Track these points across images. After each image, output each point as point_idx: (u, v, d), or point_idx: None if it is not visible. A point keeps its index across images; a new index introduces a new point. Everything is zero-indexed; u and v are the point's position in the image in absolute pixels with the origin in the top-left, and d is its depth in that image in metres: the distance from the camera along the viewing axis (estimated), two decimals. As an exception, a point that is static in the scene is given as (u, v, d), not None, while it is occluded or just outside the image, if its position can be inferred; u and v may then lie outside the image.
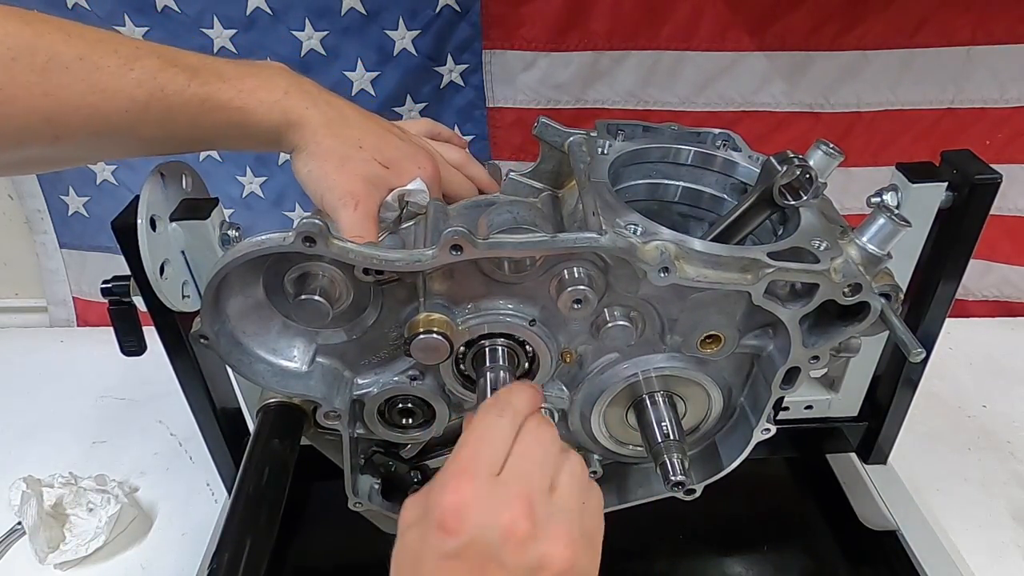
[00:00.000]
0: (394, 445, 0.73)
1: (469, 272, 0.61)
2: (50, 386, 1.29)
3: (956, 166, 0.75)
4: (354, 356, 0.66)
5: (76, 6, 1.15)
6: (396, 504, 0.74)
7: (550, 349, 0.64)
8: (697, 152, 0.74)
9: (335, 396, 0.65)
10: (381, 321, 0.64)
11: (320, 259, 0.59)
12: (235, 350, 0.63)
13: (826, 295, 0.58)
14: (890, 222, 0.58)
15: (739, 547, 0.93)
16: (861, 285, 0.58)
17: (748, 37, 1.17)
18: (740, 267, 0.58)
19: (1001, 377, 1.25)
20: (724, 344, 0.65)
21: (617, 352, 0.67)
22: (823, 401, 0.93)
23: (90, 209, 1.37)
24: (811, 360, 0.63)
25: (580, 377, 0.69)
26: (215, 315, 0.60)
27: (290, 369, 0.65)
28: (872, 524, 0.94)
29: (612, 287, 0.61)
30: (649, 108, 1.23)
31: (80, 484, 1.00)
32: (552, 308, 0.62)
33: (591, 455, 0.75)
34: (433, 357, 0.60)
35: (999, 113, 1.23)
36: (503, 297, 0.62)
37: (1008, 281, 1.40)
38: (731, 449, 0.73)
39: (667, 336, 0.65)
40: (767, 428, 0.69)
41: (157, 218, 0.70)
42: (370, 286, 0.61)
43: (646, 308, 0.63)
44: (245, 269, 0.60)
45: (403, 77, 1.19)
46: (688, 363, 0.67)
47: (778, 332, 0.64)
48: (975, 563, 0.90)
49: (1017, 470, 1.06)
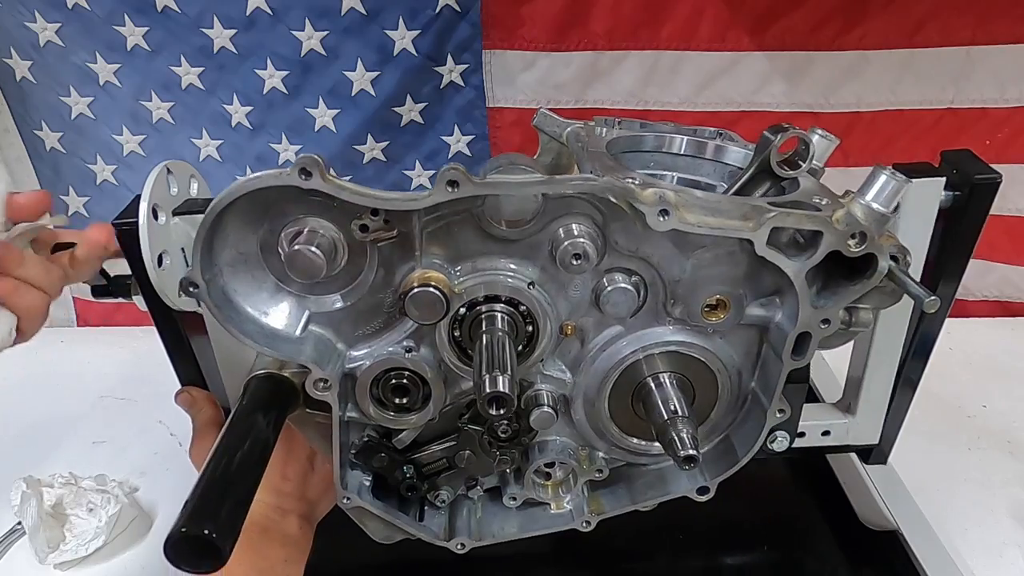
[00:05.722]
0: (387, 436, 0.71)
1: (466, 228, 0.60)
2: (50, 386, 1.29)
3: (956, 166, 0.75)
4: (348, 327, 0.64)
5: (76, 6, 1.15)
6: (387, 503, 0.72)
7: (550, 315, 0.63)
8: (691, 140, 0.74)
9: (326, 364, 0.62)
10: (376, 286, 0.62)
11: (319, 217, 0.58)
12: (226, 306, 0.60)
13: (831, 245, 0.57)
14: (891, 178, 0.58)
15: (739, 547, 0.93)
16: (866, 234, 0.56)
17: (748, 37, 1.17)
18: (741, 214, 0.57)
19: (1001, 377, 1.25)
20: (730, 311, 0.63)
21: (620, 326, 0.66)
22: (840, 425, 0.89)
23: (90, 209, 1.37)
24: (822, 323, 0.61)
25: (582, 357, 0.67)
26: (207, 263, 0.58)
27: (281, 332, 0.63)
28: (872, 524, 0.94)
29: (611, 246, 0.60)
30: (649, 108, 1.23)
31: (80, 484, 1.00)
32: (552, 270, 0.61)
33: (596, 453, 0.74)
34: (429, 314, 0.59)
35: (999, 113, 1.23)
36: (501, 257, 0.62)
37: (1008, 281, 1.40)
38: (746, 439, 0.70)
39: (671, 306, 0.63)
40: (781, 409, 0.66)
41: (159, 208, 0.69)
42: (366, 246, 0.60)
43: (647, 271, 0.62)
44: (241, 219, 0.58)
45: (403, 77, 1.19)
46: (694, 337, 0.65)
47: (786, 298, 0.63)
48: (975, 563, 0.89)
49: (1017, 470, 1.06)
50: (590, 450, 0.74)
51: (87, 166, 1.32)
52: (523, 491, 0.76)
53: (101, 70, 1.21)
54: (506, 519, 0.78)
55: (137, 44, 1.19)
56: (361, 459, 0.71)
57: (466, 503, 0.79)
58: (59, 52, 1.20)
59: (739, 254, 0.61)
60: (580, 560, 0.91)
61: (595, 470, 0.75)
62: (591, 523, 0.76)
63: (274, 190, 0.56)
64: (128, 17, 1.16)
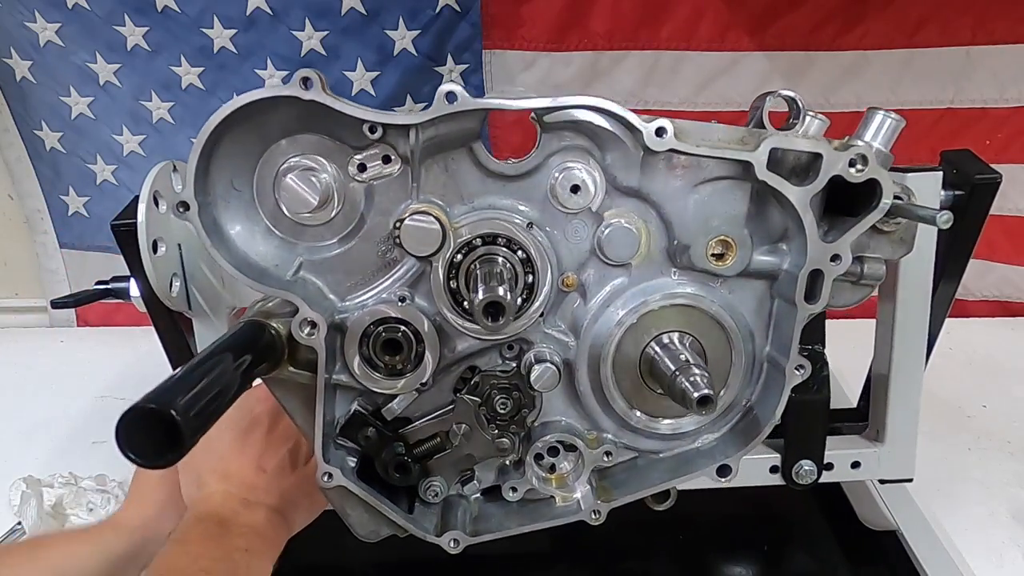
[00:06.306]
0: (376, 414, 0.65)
1: (463, 165, 0.60)
2: (50, 386, 1.29)
3: (956, 166, 0.75)
4: (340, 276, 0.62)
5: (76, 6, 1.15)
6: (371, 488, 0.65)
7: (549, 260, 0.61)
8: None
9: (315, 307, 0.59)
10: (371, 231, 0.61)
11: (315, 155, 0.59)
12: (215, 235, 0.59)
13: (831, 169, 0.57)
14: (887, 117, 0.58)
15: (739, 547, 0.93)
16: (866, 156, 0.56)
17: (748, 37, 1.17)
18: (739, 138, 0.58)
19: (1001, 377, 1.25)
20: (736, 252, 0.62)
21: (623, 276, 0.64)
22: (870, 455, 0.83)
23: (90, 209, 1.37)
24: (832, 260, 0.59)
25: (584, 315, 0.64)
26: (201, 185, 0.57)
27: (271, 271, 0.61)
28: (872, 524, 0.94)
29: (611, 184, 0.60)
30: (649, 108, 1.23)
31: (80, 484, 1.00)
32: (551, 211, 0.61)
33: (603, 435, 0.69)
34: (425, 245, 0.58)
35: (999, 113, 1.23)
36: (500, 196, 0.61)
37: (1008, 281, 1.40)
38: (768, 405, 0.66)
39: (675, 253, 0.62)
40: (800, 365, 0.62)
41: (160, 196, 0.69)
42: (362, 187, 0.60)
43: (646, 212, 0.62)
44: (239, 147, 0.58)
45: (403, 77, 1.19)
46: (702, 290, 0.63)
47: (793, 243, 0.61)
48: (975, 563, 0.89)
49: (1017, 470, 1.06)
50: (598, 432, 0.69)
51: (87, 166, 1.32)
52: (524, 481, 0.69)
53: (101, 70, 1.22)
54: (506, 515, 0.71)
55: (137, 44, 1.19)
56: (347, 434, 0.65)
57: (461, 503, 0.71)
58: (59, 52, 1.20)
59: (741, 190, 0.60)
60: (580, 560, 0.91)
61: (603, 452, 0.69)
62: (601, 514, 0.68)
63: (273, 121, 0.56)
64: (128, 17, 1.16)
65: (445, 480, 0.69)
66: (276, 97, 0.55)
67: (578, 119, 0.58)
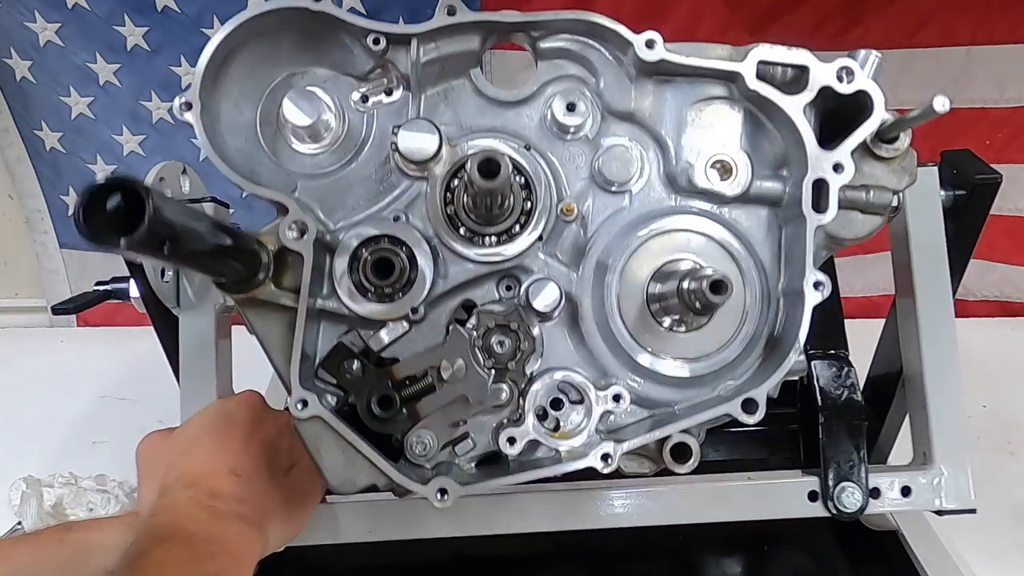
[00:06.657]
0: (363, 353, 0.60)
1: (463, 91, 0.61)
2: (50, 386, 1.29)
3: (956, 166, 0.75)
4: (335, 201, 0.61)
5: (76, 6, 1.15)
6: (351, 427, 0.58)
7: (548, 179, 0.61)
8: None
9: (306, 215, 0.58)
10: (369, 157, 0.62)
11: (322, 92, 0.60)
12: (214, 139, 0.58)
13: (820, 80, 0.58)
14: (870, 53, 0.59)
15: (739, 547, 0.93)
16: (852, 69, 0.57)
17: (748, 37, 1.17)
18: (727, 54, 0.59)
19: (1001, 377, 1.25)
20: (736, 172, 0.62)
21: (624, 204, 0.63)
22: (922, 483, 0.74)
23: (90, 209, 1.37)
24: (835, 169, 0.58)
25: (585, 243, 0.63)
26: (208, 89, 0.58)
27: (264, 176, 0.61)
28: (872, 524, 0.94)
29: (606, 109, 0.61)
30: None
31: (80, 484, 1.00)
32: (548, 137, 0.62)
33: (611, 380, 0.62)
34: (421, 145, 0.58)
35: (999, 113, 1.23)
36: (498, 121, 0.63)
37: (1008, 281, 1.40)
38: (791, 332, 0.60)
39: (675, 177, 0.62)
40: (819, 282, 0.59)
41: None
42: (362, 116, 0.61)
43: (643, 138, 0.62)
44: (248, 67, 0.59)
45: (403, 77, 1.19)
46: (704, 213, 0.62)
47: (793, 165, 0.61)
48: (975, 563, 0.89)
49: (1017, 470, 1.06)
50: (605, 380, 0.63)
51: (87, 166, 1.32)
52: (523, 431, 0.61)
53: (101, 70, 1.22)
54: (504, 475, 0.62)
55: (137, 44, 1.19)
56: (328, 367, 0.60)
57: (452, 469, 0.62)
58: (59, 52, 1.20)
59: (735, 110, 0.61)
60: (580, 560, 0.91)
61: (612, 396, 0.61)
62: (612, 457, 0.60)
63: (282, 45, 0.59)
64: (128, 17, 1.16)
65: (435, 434, 0.61)
66: (289, 8, 0.57)
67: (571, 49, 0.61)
